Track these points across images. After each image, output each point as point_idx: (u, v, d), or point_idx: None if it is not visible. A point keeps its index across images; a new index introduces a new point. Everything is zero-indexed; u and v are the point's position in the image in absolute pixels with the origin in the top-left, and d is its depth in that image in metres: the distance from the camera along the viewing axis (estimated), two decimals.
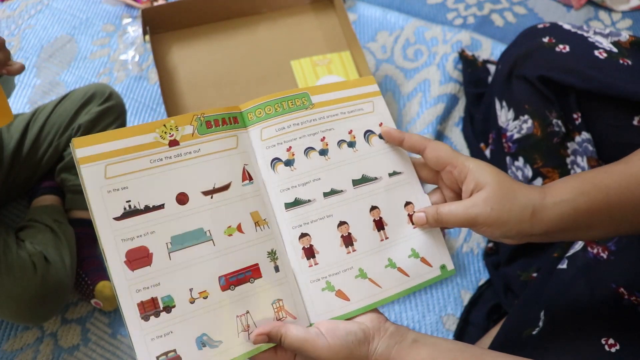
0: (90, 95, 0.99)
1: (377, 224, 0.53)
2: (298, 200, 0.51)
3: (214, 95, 1.03)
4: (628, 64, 0.71)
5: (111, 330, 0.89)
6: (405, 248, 0.53)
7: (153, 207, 0.45)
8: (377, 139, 0.56)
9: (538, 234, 0.48)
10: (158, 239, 0.45)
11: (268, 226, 0.49)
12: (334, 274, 0.50)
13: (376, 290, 0.51)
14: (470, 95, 1.13)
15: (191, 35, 1.06)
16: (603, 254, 0.63)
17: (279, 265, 0.48)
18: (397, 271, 0.52)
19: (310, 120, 0.54)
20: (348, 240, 0.51)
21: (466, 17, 1.36)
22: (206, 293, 0.45)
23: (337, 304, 0.49)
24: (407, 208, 0.54)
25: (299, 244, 0.50)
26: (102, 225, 0.43)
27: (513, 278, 0.84)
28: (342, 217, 0.52)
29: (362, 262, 0.51)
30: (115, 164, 0.45)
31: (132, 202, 0.44)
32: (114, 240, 0.43)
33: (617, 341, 0.54)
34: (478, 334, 0.86)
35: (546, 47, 0.77)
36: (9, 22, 1.34)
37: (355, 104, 0.56)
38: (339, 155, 0.54)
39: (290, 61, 1.07)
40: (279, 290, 0.48)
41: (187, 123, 0.48)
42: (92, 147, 0.45)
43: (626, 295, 0.58)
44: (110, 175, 0.45)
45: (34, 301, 0.79)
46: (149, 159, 0.46)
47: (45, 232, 0.87)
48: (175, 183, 0.46)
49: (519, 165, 0.82)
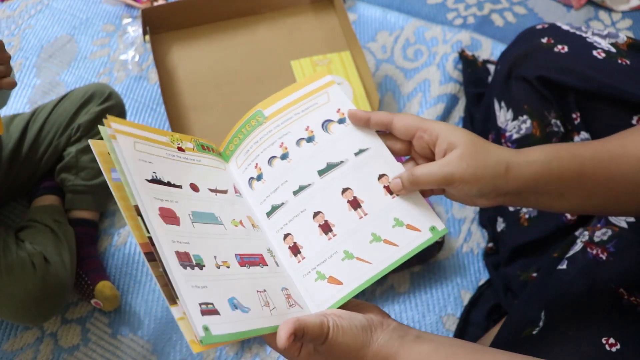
0: (90, 95, 0.99)
1: (352, 203, 0.53)
2: (274, 207, 0.54)
3: (214, 95, 1.03)
4: (627, 63, 0.71)
5: (111, 330, 0.89)
6: (387, 219, 0.52)
7: (174, 185, 0.49)
8: (337, 125, 0.56)
9: (512, 192, 0.49)
10: (182, 208, 0.48)
11: (261, 230, 0.53)
12: (321, 262, 0.51)
13: (367, 267, 0.51)
14: (470, 95, 1.13)
15: (191, 35, 1.06)
16: (602, 255, 0.63)
17: (277, 262, 0.51)
18: (384, 243, 0.52)
19: (267, 132, 0.56)
20: (326, 228, 0.52)
21: (466, 17, 1.36)
22: (228, 264, 0.47)
23: (332, 290, 0.50)
24: (382, 180, 0.54)
25: (285, 245, 0.52)
26: (138, 182, 0.46)
27: (513, 278, 0.84)
28: (315, 208, 0.53)
29: (345, 244, 0.52)
30: (142, 143, 0.50)
31: (157, 174, 0.49)
32: (149, 196, 0.46)
33: (617, 341, 0.54)
34: (478, 333, 0.86)
35: (545, 48, 0.77)
36: (9, 22, 1.34)
37: (308, 100, 0.57)
38: (299, 153, 0.55)
39: (290, 61, 1.07)
40: (283, 280, 0.50)
41: (187, 140, 0.55)
42: (122, 125, 0.49)
43: (626, 295, 0.58)
44: (139, 149, 0.49)
45: (34, 301, 0.79)
46: (165, 152, 0.51)
47: (45, 232, 0.87)
48: (187, 174, 0.52)
49: None
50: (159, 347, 0.87)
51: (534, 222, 0.81)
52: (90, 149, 0.94)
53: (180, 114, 1.00)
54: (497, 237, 0.92)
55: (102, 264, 0.93)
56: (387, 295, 0.92)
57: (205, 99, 1.02)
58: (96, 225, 0.98)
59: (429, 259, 0.95)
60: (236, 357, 0.85)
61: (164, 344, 0.87)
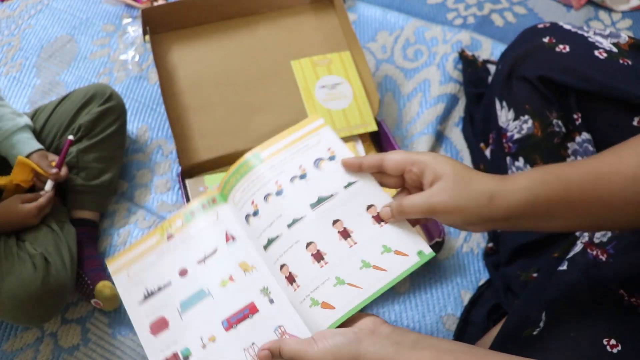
0: (91, 96, 0.99)
1: (343, 234, 0.56)
2: (270, 240, 0.58)
3: (214, 95, 1.03)
4: (628, 63, 0.70)
5: (111, 331, 0.89)
6: (376, 247, 0.55)
7: (164, 286, 0.58)
8: (327, 162, 0.61)
9: (500, 219, 0.50)
10: (170, 307, 0.57)
11: (256, 269, 0.58)
12: (314, 289, 0.54)
13: (357, 292, 0.53)
14: (470, 95, 1.13)
15: (191, 35, 1.06)
16: (602, 256, 0.63)
17: (272, 298, 0.56)
18: (373, 269, 0.54)
19: (263, 172, 0.60)
20: (318, 256, 0.55)
21: (466, 17, 1.36)
22: (214, 337, 0.54)
23: (325, 315, 0.52)
24: (370, 210, 0.57)
25: (281, 275, 0.56)
26: (132, 310, 0.57)
27: (513, 278, 0.84)
28: (307, 238, 0.56)
29: (336, 270, 0.54)
30: (134, 267, 0.60)
31: (148, 288, 0.58)
32: (141, 319, 0.57)
33: (618, 342, 0.54)
34: (478, 334, 0.86)
35: (546, 47, 0.77)
36: (9, 22, 1.34)
37: (301, 142, 0.63)
38: (293, 190, 0.59)
39: (290, 61, 1.06)
40: (279, 318, 0.55)
41: (178, 217, 0.62)
42: (116, 261, 0.61)
43: (626, 296, 0.58)
44: (132, 275, 0.59)
45: (34, 302, 0.79)
46: (156, 255, 0.60)
47: (46, 232, 0.87)
48: (177, 263, 0.60)
49: (519, 165, 0.82)
50: None
51: None
52: (90, 149, 0.95)
53: (180, 114, 1.00)
54: (497, 237, 0.92)
55: (102, 263, 0.93)
56: (387, 295, 0.92)
57: (205, 99, 1.02)
58: (97, 225, 0.98)
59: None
60: None
61: None
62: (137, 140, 1.12)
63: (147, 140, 1.12)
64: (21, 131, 0.92)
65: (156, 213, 1.01)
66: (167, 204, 1.02)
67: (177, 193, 1.04)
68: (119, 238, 0.98)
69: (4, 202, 0.87)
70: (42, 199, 0.88)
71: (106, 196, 1.00)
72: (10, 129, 0.91)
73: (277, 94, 1.04)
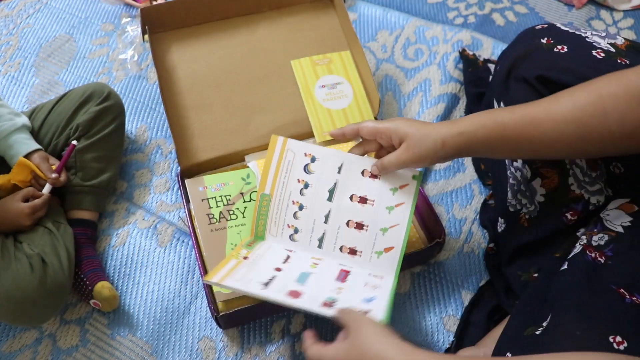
0: (89, 95, 0.98)
1: (361, 201, 0.78)
2: (320, 239, 0.79)
3: (214, 94, 1.02)
4: (626, 63, 0.70)
5: (110, 331, 0.88)
6: (387, 193, 0.78)
7: (273, 277, 0.70)
8: (313, 164, 0.79)
9: (453, 155, 0.67)
10: (291, 285, 0.69)
11: (323, 260, 0.78)
12: (372, 246, 0.78)
13: (399, 228, 0.77)
14: (470, 94, 1.13)
15: (191, 35, 1.06)
16: (600, 259, 0.64)
17: (348, 270, 0.76)
18: (396, 207, 0.77)
19: (279, 201, 0.80)
20: (359, 226, 0.78)
21: (467, 17, 1.35)
22: (340, 287, 0.71)
23: (392, 255, 0.77)
24: (365, 174, 0.78)
25: (343, 254, 0.79)
26: (259, 290, 0.67)
27: (514, 278, 0.84)
28: (343, 220, 0.79)
29: (377, 225, 0.78)
30: (233, 274, 0.69)
31: (261, 281, 0.69)
32: (276, 295, 0.66)
33: (624, 339, 0.54)
34: (479, 334, 0.86)
35: (544, 48, 0.76)
36: (8, 21, 1.33)
37: (284, 163, 0.79)
38: (308, 199, 0.80)
39: (290, 61, 1.06)
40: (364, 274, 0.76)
41: (242, 247, 0.76)
42: (217, 274, 0.69)
43: (627, 295, 0.58)
44: (238, 279, 0.69)
45: (32, 303, 0.78)
46: (245, 266, 0.71)
47: (43, 233, 0.86)
48: (268, 265, 0.73)
49: (517, 165, 0.82)
50: (158, 348, 0.86)
51: (534, 223, 0.81)
52: (88, 149, 0.95)
53: (179, 113, 0.99)
54: (497, 237, 0.91)
55: (101, 264, 0.93)
56: None
57: (205, 99, 1.01)
58: (95, 225, 0.98)
59: (430, 260, 0.95)
60: (236, 358, 0.84)
61: (163, 345, 0.87)
62: (136, 140, 1.11)
63: (146, 140, 1.11)
64: (19, 131, 0.92)
65: (155, 213, 1.01)
66: (166, 204, 1.02)
67: (177, 193, 1.03)
68: (117, 238, 0.98)
69: (2, 200, 0.87)
70: (38, 200, 0.87)
71: (104, 196, 0.99)
72: (8, 129, 0.90)
73: (277, 93, 1.04)
